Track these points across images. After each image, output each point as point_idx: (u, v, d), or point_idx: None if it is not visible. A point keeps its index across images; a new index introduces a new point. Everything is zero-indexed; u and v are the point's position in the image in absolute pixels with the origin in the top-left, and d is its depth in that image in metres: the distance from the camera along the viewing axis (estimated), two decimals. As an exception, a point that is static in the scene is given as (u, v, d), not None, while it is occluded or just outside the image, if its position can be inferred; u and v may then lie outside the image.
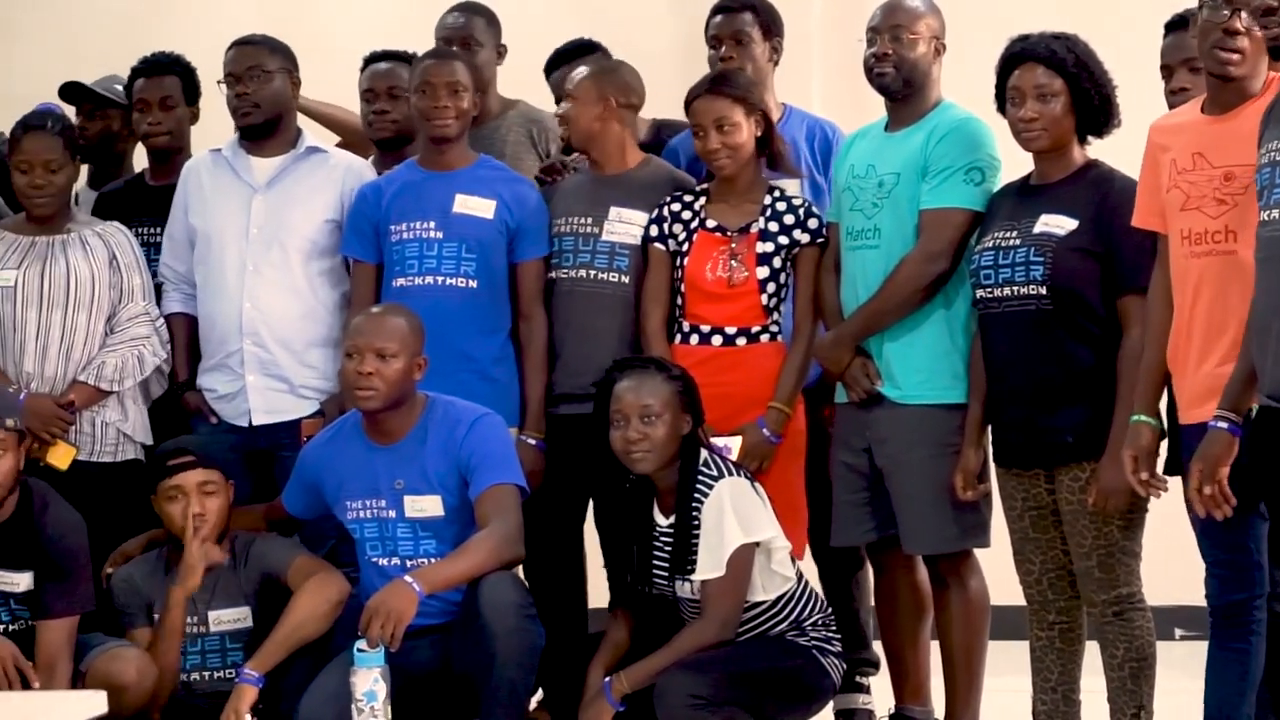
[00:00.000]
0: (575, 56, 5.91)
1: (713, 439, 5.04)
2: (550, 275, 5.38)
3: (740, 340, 5.22)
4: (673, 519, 4.91)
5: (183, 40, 6.18)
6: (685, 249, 5.25)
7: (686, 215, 5.28)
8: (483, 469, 4.96)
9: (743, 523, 4.83)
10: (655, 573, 4.95)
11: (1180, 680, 4.84)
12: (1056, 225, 4.79)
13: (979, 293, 4.89)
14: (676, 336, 5.26)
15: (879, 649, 5.48)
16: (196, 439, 5.35)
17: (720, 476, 4.88)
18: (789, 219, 5.25)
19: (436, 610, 4.90)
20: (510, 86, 5.89)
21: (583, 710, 4.91)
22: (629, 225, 5.33)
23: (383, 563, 5.04)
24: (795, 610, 4.95)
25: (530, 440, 5.29)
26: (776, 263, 5.23)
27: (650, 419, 4.88)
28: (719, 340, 5.22)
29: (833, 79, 7.00)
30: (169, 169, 5.72)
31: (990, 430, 4.99)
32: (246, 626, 5.07)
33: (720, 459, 4.95)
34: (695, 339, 5.24)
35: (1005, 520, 4.95)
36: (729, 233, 5.24)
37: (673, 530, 4.90)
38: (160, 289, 5.60)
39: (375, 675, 4.70)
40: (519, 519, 4.95)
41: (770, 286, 5.22)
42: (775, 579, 4.92)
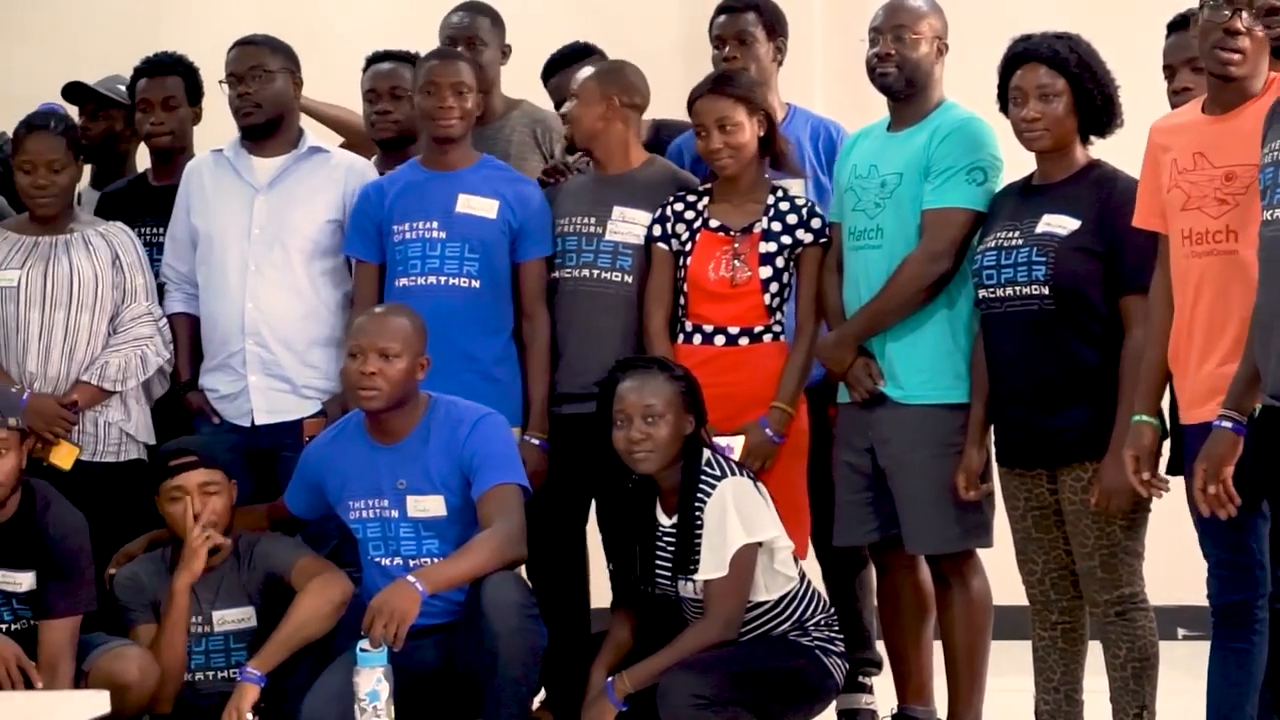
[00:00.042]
0: (571, 61, 5.91)
1: (715, 439, 5.03)
2: (553, 275, 5.38)
3: (743, 340, 5.22)
4: (675, 519, 4.91)
5: (185, 40, 6.19)
6: (688, 249, 5.25)
7: (689, 215, 5.28)
8: (485, 469, 4.96)
9: (745, 523, 4.83)
10: (658, 572, 4.95)
11: (1183, 680, 4.84)
12: (1059, 225, 4.79)
13: (981, 293, 4.89)
14: (679, 336, 5.26)
15: (882, 649, 5.48)
16: (198, 439, 5.35)
17: (723, 476, 4.88)
18: (792, 219, 5.25)
19: (439, 610, 4.90)
20: (513, 86, 5.89)
21: (585, 710, 4.91)
22: (632, 225, 5.33)
23: (385, 563, 5.04)
24: (798, 610, 4.95)
25: (534, 440, 5.29)
26: (779, 262, 5.23)
27: (653, 419, 4.87)
28: (721, 340, 5.22)
29: (835, 79, 7.00)
30: (171, 169, 5.72)
31: (993, 430, 4.99)
32: (250, 626, 5.07)
33: (723, 459, 4.95)
34: (698, 339, 5.24)
35: (1008, 520, 4.95)
36: (732, 232, 5.24)
37: (675, 530, 4.90)
38: (162, 289, 5.60)
39: (378, 675, 4.70)
40: (522, 519, 4.95)
41: (773, 286, 5.22)
42: (778, 579, 4.92)
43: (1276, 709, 4.17)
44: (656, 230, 5.30)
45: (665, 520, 4.94)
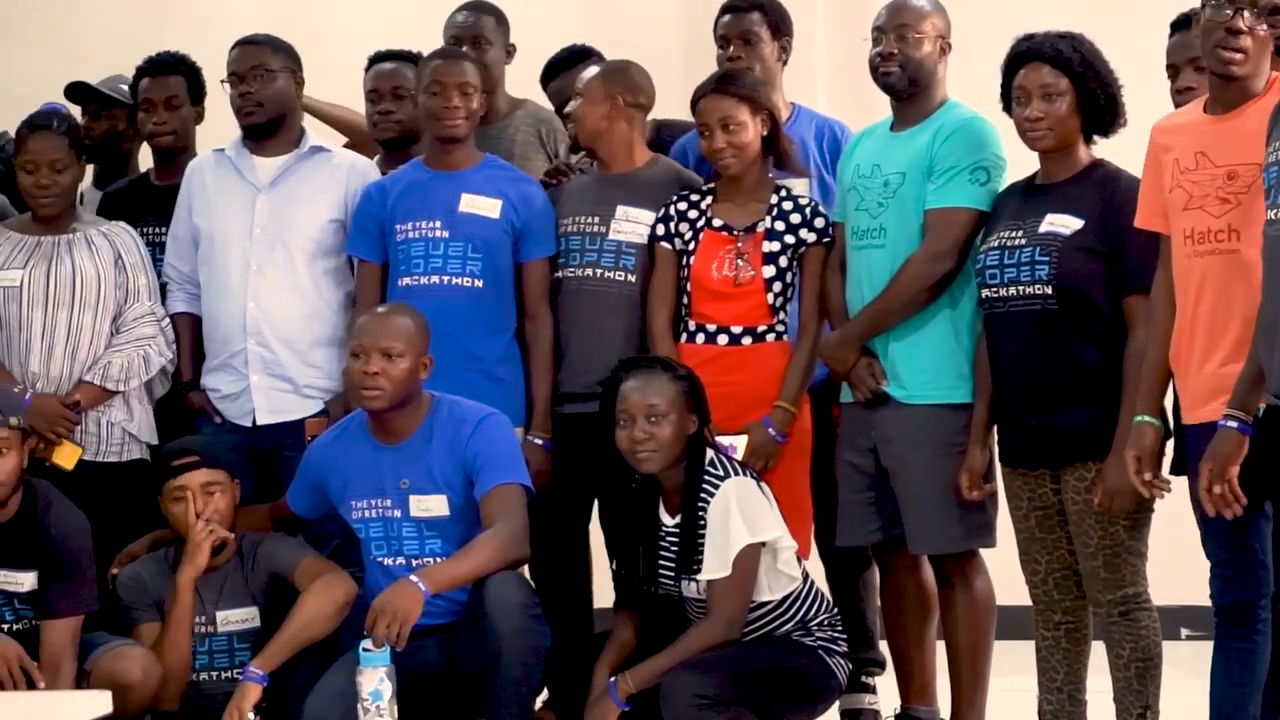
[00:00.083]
0: (570, 65, 5.91)
1: (718, 438, 5.03)
2: (557, 274, 5.38)
3: (746, 340, 5.21)
4: (679, 519, 4.90)
5: (187, 40, 6.18)
6: (691, 248, 5.25)
7: (693, 214, 5.28)
8: (488, 469, 4.96)
9: (749, 522, 4.83)
10: (661, 573, 4.95)
11: (1186, 680, 4.84)
12: (1062, 225, 4.79)
13: (984, 292, 4.89)
14: (682, 335, 5.26)
15: (885, 649, 5.48)
16: (201, 439, 5.35)
17: (726, 476, 4.88)
18: (795, 218, 5.24)
19: (442, 610, 4.90)
20: (516, 86, 5.89)
21: (588, 710, 4.91)
22: (636, 224, 5.32)
23: (388, 562, 5.04)
24: (801, 610, 4.95)
25: (537, 440, 5.29)
26: (783, 262, 5.22)
27: (656, 419, 4.87)
28: (725, 339, 5.22)
29: (838, 78, 6.99)
30: (174, 169, 5.72)
31: (996, 430, 4.99)
32: (254, 627, 5.07)
33: (726, 459, 4.95)
34: (701, 338, 5.24)
35: (1011, 520, 4.95)
36: (735, 232, 5.23)
37: (679, 530, 4.90)
38: (164, 289, 5.60)
39: (381, 674, 4.70)
40: (524, 519, 4.95)
41: (776, 286, 5.22)
42: (781, 579, 4.92)
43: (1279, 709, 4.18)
44: (660, 229, 5.30)
45: (668, 520, 4.94)
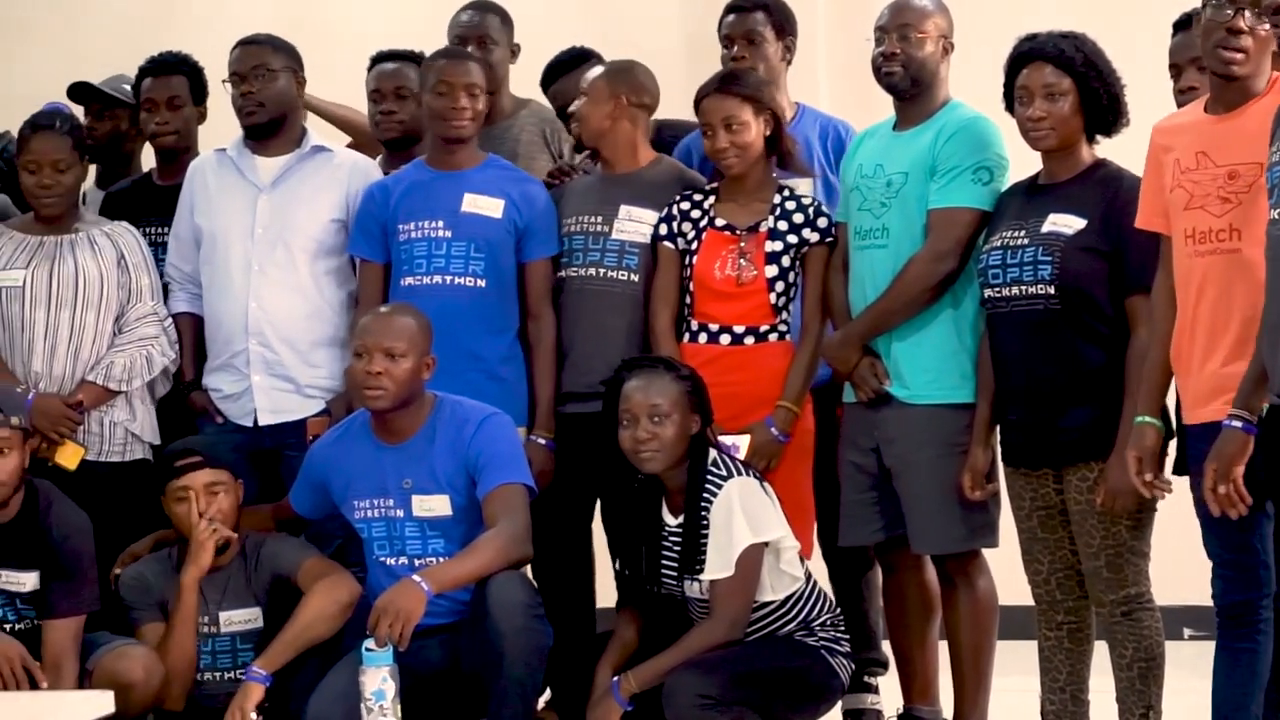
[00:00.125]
0: (570, 67, 5.91)
1: (720, 437, 5.03)
2: (560, 274, 5.38)
3: (748, 339, 5.21)
4: (681, 519, 4.90)
5: (188, 40, 6.18)
6: (694, 248, 5.25)
7: (696, 214, 5.28)
8: (491, 468, 4.96)
9: (752, 523, 4.83)
10: (664, 572, 4.95)
11: (1189, 680, 4.84)
12: (1065, 225, 4.79)
13: (987, 292, 4.89)
14: (685, 335, 5.26)
15: (887, 649, 5.48)
16: (203, 439, 5.35)
17: (729, 476, 4.87)
18: (798, 218, 5.24)
19: (445, 610, 4.90)
20: (516, 85, 5.88)
21: (591, 710, 4.90)
22: (639, 224, 5.32)
23: (391, 562, 5.04)
24: (804, 610, 4.95)
25: (540, 440, 5.29)
26: (785, 262, 5.22)
27: (659, 418, 4.87)
28: (727, 339, 5.22)
29: (840, 78, 6.99)
30: (176, 169, 5.72)
31: (998, 430, 4.99)
32: (257, 627, 5.07)
33: (729, 458, 4.94)
34: (704, 338, 5.24)
35: (1013, 520, 4.95)
36: (738, 231, 5.23)
37: (681, 530, 4.90)
38: (166, 289, 5.60)
39: (384, 674, 4.70)
40: (527, 519, 4.95)
41: (779, 285, 5.21)
42: (784, 579, 4.91)
43: (1282, 709, 4.18)
44: (663, 229, 5.30)
45: (671, 520, 4.94)
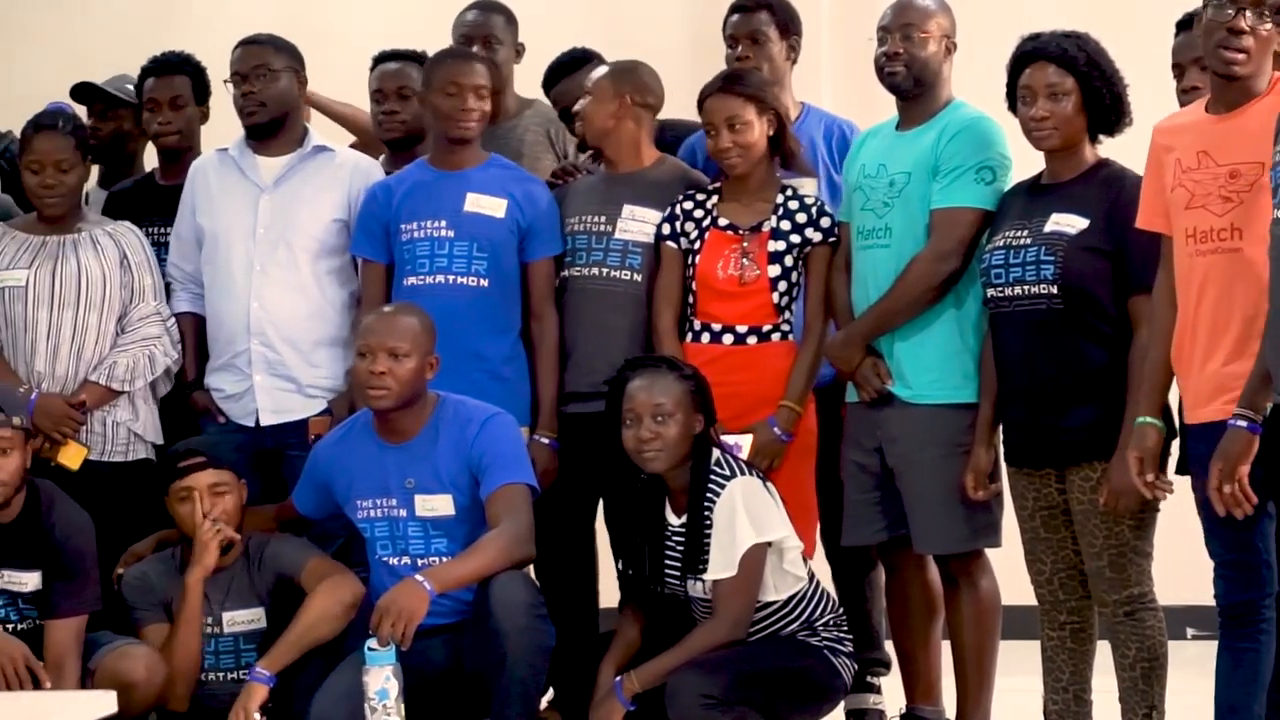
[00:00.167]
0: (572, 69, 5.91)
1: (723, 437, 5.03)
2: (563, 273, 5.38)
3: (751, 339, 5.21)
4: (685, 518, 4.90)
5: (189, 40, 6.18)
6: (697, 247, 5.25)
7: (699, 214, 5.28)
8: (494, 468, 4.96)
9: (755, 522, 4.83)
10: (667, 572, 4.94)
11: (1192, 680, 4.84)
12: (1067, 224, 4.79)
13: (990, 292, 4.89)
14: (687, 335, 5.26)
15: (890, 649, 5.48)
16: (206, 439, 5.35)
17: (732, 476, 4.87)
18: (801, 218, 5.24)
19: (448, 609, 4.90)
20: (522, 85, 5.88)
21: (593, 709, 4.91)
22: (642, 224, 5.32)
23: (393, 562, 5.04)
24: (807, 610, 4.95)
25: (544, 440, 5.28)
26: (788, 261, 5.22)
27: (662, 418, 4.87)
28: (730, 339, 5.22)
29: (843, 78, 7.00)
30: (179, 168, 5.72)
31: (1001, 429, 4.99)
32: (260, 628, 5.07)
33: (732, 458, 4.94)
34: (706, 337, 5.24)
35: (1016, 520, 4.95)
36: (740, 231, 5.23)
37: (685, 530, 4.90)
38: (168, 289, 5.60)
39: (387, 673, 4.70)
40: (530, 518, 4.95)
41: (781, 285, 5.21)
42: (787, 579, 4.91)
43: (1284, 709, 4.18)
44: (665, 229, 5.30)
45: (674, 520, 4.94)
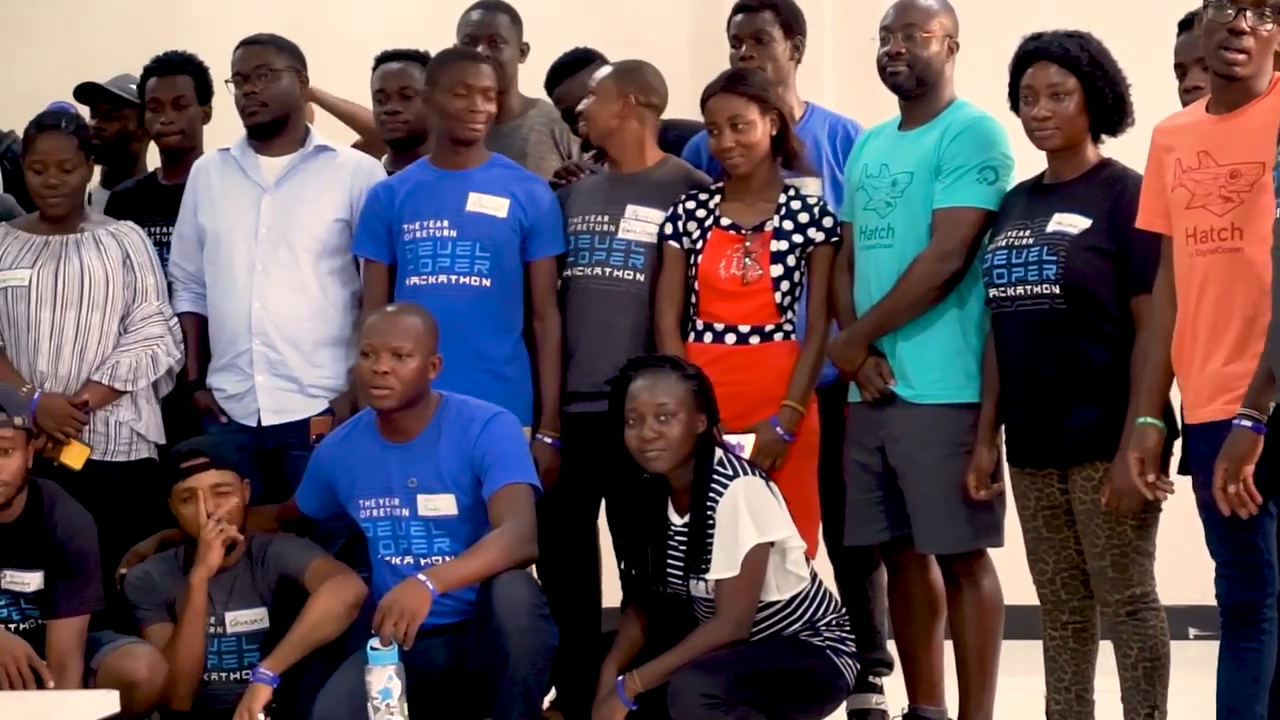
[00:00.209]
0: (574, 69, 5.91)
1: (725, 437, 5.03)
2: (566, 273, 5.38)
3: (754, 339, 5.21)
4: (687, 518, 4.90)
5: (191, 40, 6.18)
6: (699, 247, 5.25)
7: (701, 213, 5.28)
8: (496, 468, 4.97)
9: (758, 522, 4.83)
10: (669, 572, 4.95)
11: (1194, 680, 4.83)
12: (1070, 224, 4.79)
13: (992, 292, 4.89)
14: (690, 335, 5.26)
15: (892, 649, 5.48)
16: (208, 440, 5.35)
17: (735, 476, 4.87)
18: (804, 217, 5.24)
19: (450, 609, 4.90)
20: (524, 85, 5.88)
21: (596, 709, 4.91)
22: (645, 224, 5.32)
23: (396, 561, 5.04)
24: (809, 610, 4.95)
25: (547, 439, 5.28)
26: (790, 261, 5.22)
27: (665, 418, 4.87)
28: (732, 339, 5.22)
29: (845, 78, 7.00)
30: (181, 168, 5.72)
31: (1003, 429, 4.99)
32: (263, 628, 5.07)
33: (735, 458, 4.95)
34: (709, 337, 5.24)
35: (1018, 520, 4.95)
36: (743, 231, 5.23)
37: (687, 529, 4.90)
38: (170, 288, 5.60)
39: (390, 673, 4.70)
40: (532, 518, 4.95)
41: (784, 285, 5.22)
42: (790, 579, 4.92)
43: (1286, 709, 4.18)
44: (668, 228, 5.30)
45: (677, 519, 4.94)
